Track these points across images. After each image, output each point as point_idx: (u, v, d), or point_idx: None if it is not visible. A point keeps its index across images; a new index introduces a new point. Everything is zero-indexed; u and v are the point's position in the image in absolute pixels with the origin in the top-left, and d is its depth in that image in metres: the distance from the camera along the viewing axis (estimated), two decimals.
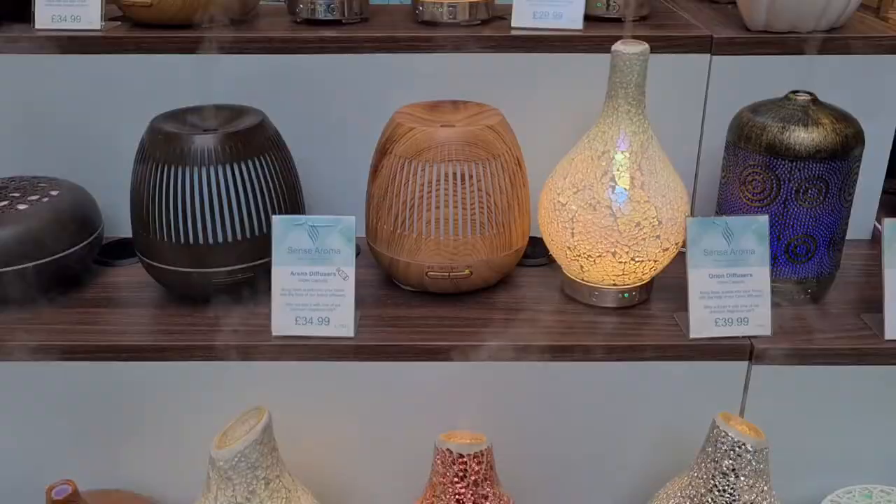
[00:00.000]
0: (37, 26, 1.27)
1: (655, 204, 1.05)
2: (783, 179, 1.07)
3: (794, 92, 1.11)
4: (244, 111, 1.15)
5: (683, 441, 1.08)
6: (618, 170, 1.05)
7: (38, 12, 1.27)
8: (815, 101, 1.09)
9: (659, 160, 1.07)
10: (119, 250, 1.29)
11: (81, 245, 1.16)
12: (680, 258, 1.08)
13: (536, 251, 1.25)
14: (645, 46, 1.03)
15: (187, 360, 1.07)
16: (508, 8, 1.29)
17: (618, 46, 1.03)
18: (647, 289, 1.15)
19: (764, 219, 1.06)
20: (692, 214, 1.30)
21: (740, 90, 1.20)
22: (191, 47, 1.25)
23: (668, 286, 1.16)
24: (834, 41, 1.23)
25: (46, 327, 1.10)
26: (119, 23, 1.32)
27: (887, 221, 1.06)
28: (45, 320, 1.11)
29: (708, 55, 1.24)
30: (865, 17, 1.37)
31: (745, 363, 1.07)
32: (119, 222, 1.27)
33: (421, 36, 1.25)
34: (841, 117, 1.07)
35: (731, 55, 1.24)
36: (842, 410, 1.10)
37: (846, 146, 1.05)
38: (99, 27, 1.26)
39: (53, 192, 1.16)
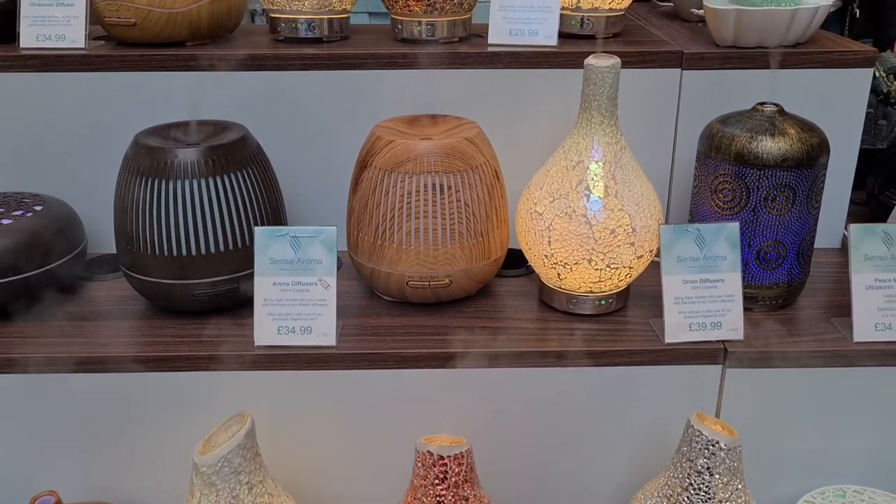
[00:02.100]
0: (21, 45, 1.29)
1: (629, 212, 1.08)
2: (752, 187, 1.10)
3: (762, 103, 1.14)
4: (227, 126, 1.18)
5: (661, 443, 1.10)
6: (592, 179, 1.08)
7: (22, 32, 1.29)
8: (781, 112, 1.13)
9: (632, 169, 1.10)
10: (102, 265, 1.30)
11: (65, 259, 1.17)
12: (655, 266, 1.11)
13: (517, 262, 1.28)
14: (616, 60, 1.06)
15: (170, 371, 1.09)
16: (485, 26, 1.33)
17: (590, 60, 1.07)
18: (624, 296, 1.18)
19: (734, 226, 1.09)
20: (667, 222, 1.33)
21: (710, 103, 1.24)
22: (174, 65, 1.27)
23: (645, 293, 1.19)
24: (800, 55, 1.27)
25: (29, 340, 1.11)
26: (103, 42, 1.35)
27: (853, 227, 1.10)
28: (29, 333, 1.12)
29: (679, 70, 1.28)
30: (829, 33, 1.41)
31: (720, 367, 1.10)
32: (103, 238, 1.29)
33: (400, 53, 1.28)
34: (806, 127, 1.11)
35: (700, 70, 1.28)
36: (814, 412, 1.13)
37: (812, 155, 1.09)
38: (83, 46, 1.29)
39: (37, 207, 1.18)
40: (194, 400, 1.10)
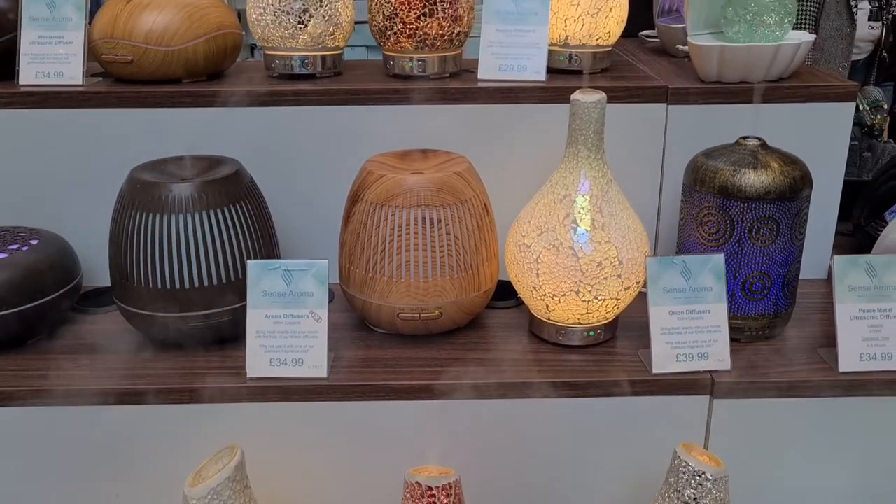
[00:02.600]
0: (21, 83, 1.31)
1: (616, 244, 1.09)
2: (736, 219, 1.12)
3: (745, 137, 1.17)
4: (221, 161, 1.20)
5: (649, 474, 1.10)
6: (579, 212, 1.10)
7: (22, 69, 1.32)
8: (763, 145, 1.15)
9: (619, 203, 1.12)
10: (97, 299, 1.32)
11: (60, 293, 1.18)
12: (643, 297, 1.12)
13: (508, 294, 1.29)
14: (602, 95, 1.09)
15: (163, 404, 1.09)
16: (476, 61, 1.35)
17: (577, 95, 1.09)
18: (613, 327, 1.19)
19: (720, 257, 1.11)
20: (655, 254, 1.35)
21: (696, 137, 1.26)
22: (170, 102, 1.29)
23: (633, 324, 1.20)
24: (783, 90, 1.30)
25: (23, 373, 1.12)
26: (100, 79, 1.37)
27: (837, 259, 1.11)
28: (22, 366, 1.13)
29: (664, 105, 1.31)
30: (812, 68, 1.44)
31: (707, 397, 1.11)
32: (98, 271, 1.30)
33: (391, 89, 1.31)
34: (789, 160, 1.13)
35: (686, 104, 1.30)
36: (802, 442, 1.14)
37: (794, 187, 1.11)
38: (81, 83, 1.31)
39: (33, 242, 1.19)
40: (186, 432, 1.11)
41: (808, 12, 2.21)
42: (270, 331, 1.10)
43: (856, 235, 1.49)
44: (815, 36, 1.32)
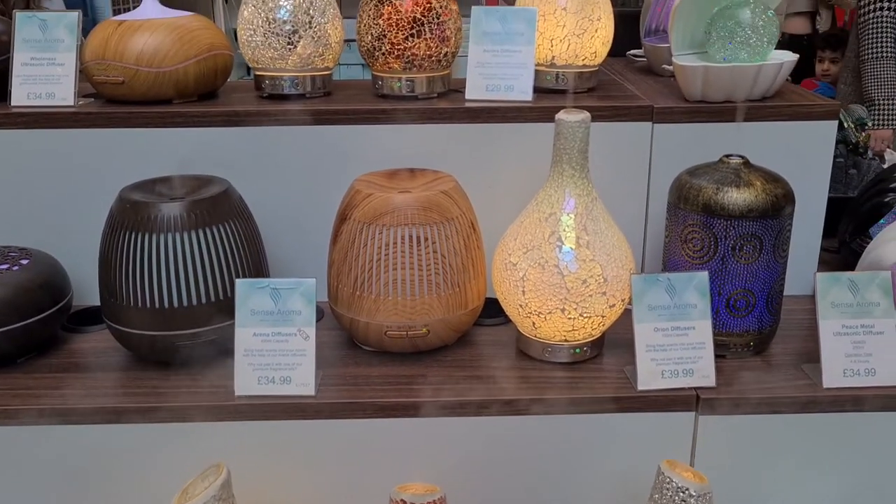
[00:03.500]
0: (13, 103, 1.33)
1: (601, 262, 1.11)
2: (720, 237, 1.13)
3: (728, 156, 1.18)
4: (210, 180, 1.21)
5: (636, 491, 1.11)
6: (564, 230, 1.11)
7: (14, 90, 1.33)
8: (746, 163, 1.17)
9: (603, 221, 1.13)
10: (87, 317, 1.32)
11: (50, 312, 1.19)
12: (630, 314, 1.13)
13: (496, 311, 1.30)
14: (586, 115, 1.10)
15: (151, 423, 1.10)
16: (463, 81, 1.37)
17: (561, 115, 1.11)
18: (599, 344, 1.20)
19: (704, 275, 1.12)
20: (642, 271, 1.36)
21: (682, 155, 1.27)
22: (161, 122, 1.31)
23: (620, 341, 1.21)
24: (767, 109, 1.32)
25: (12, 392, 1.12)
26: (92, 99, 1.39)
27: (819, 276, 1.12)
28: (12, 385, 1.14)
29: (650, 123, 1.32)
30: (796, 87, 1.46)
31: (692, 414, 1.11)
32: (89, 290, 1.31)
33: (380, 109, 1.32)
34: (771, 178, 1.15)
35: (671, 123, 1.32)
36: (787, 457, 1.14)
37: (776, 205, 1.12)
38: (72, 103, 1.32)
39: (24, 261, 1.20)
40: (173, 451, 1.11)
41: None
42: (258, 349, 1.10)
43: (842, 252, 1.50)
44: (797, 56, 1.34)
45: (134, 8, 1.42)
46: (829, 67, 3.28)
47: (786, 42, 3.55)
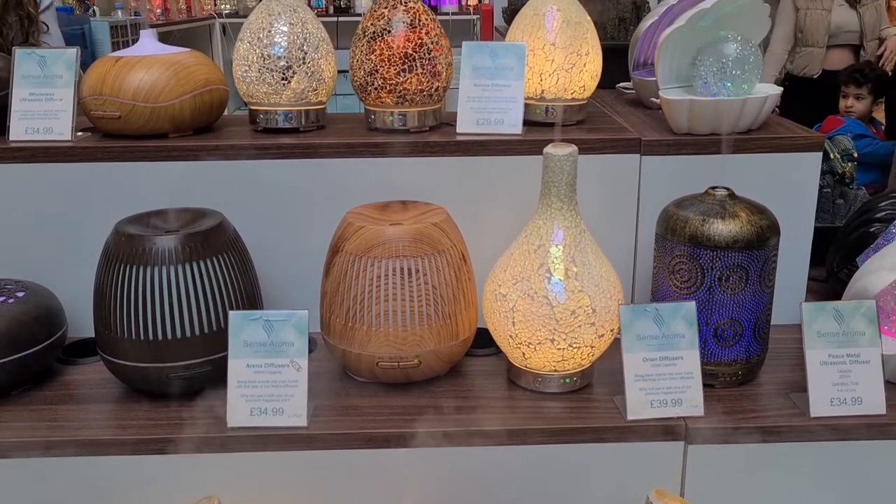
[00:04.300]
0: (11, 138, 1.35)
1: (589, 293, 1.12)
2: (706, 268, 1.15)
3: (713, 188, 1.20)
4: (204, 213, 1.23)
5: None
6: (553, 262, 1.12)
7: (12, 125, 1.35)
8: (731, 195, 1.19)
9: (592, 252, 1.15)
10: (81, 349, 1.33)
11: (45, 344, 1.20)
12: (620, 344, 1.14)
13: (488, 342, 1.31)
14: (573, 148, 1.12)
15: (144, 455, 1.11)
16: (454, 114, 1.39)
17: (549, 149, 1.13)
18: (589, 374, 1.21)
19: (691, 305, 1.13)
20: (632, 302, 1.37)
21: (670, 187, 1.29)
22: (157, 156, 1.33)
23: (609, 371, 1.22)
24: (752, 141, 1.34)
25: (6, 424, 1.13)
26: (89, 133, 1.41)
27: (805, 305, 1.14)
28: (6, 418, 1.15)
29: (638, 155, 1.34)
30: (781, 119, 1.49)
31: (682, 443, 1.12)
32: (84, 322, 1.32)
33: (372, 142, 1.34)
34: (756, 210, 1.17)
35: (658, 155, 1.34)
36: (776, 487, 1.15)
37: (762, 236, 1.14)
38: (70, 138, 1.34)
39: (19, 294, 1.21)
40: (167, 482, 1.12)
41: None
42: (251, 380, 1.11)
43: (830, 281, 1.52)
44: (781, 89, 1.37)
45: (133, 41, 1.45)
46: (853, 104, 3.17)
47: (821, 79, 3.45)
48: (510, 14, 3.32)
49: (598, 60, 1.41)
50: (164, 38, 1.43)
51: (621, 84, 1.81)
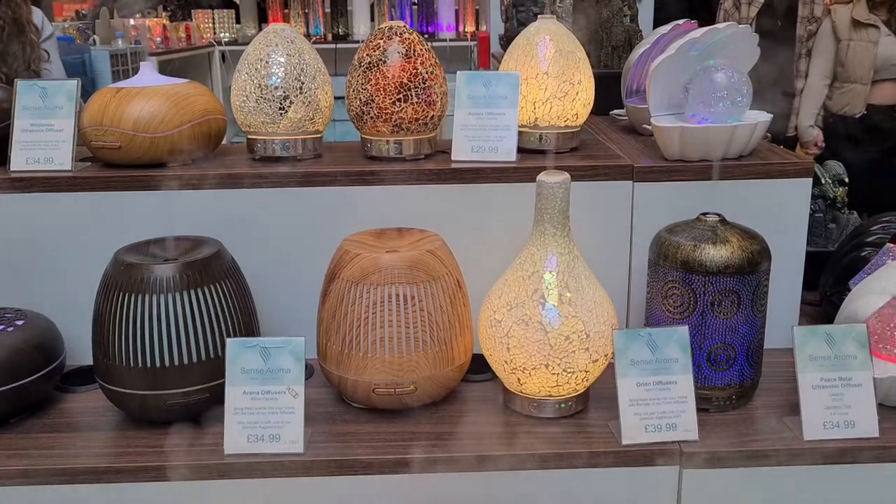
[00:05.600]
0: (12, 168, 1.36)
1: (583, 319, 1.13)
2: (699, 293, 1.16)
3: (705, 214, 1.22)
4: (202, 241, 1.24)
5: None
6: (547, 288, 1.14)
7: (13, 156, 1.37)
8: (723, 221, 1.20)
9: (585, 278, 1.16)
10: (80, 377, 1.34)
11: (43, 372, 1.21)
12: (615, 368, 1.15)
13: (484, 367, 1.32)
14: (566, 176, 1.14)
15: (141, 482, 1.11)
16: (449, 142, 1.41)
17: (542, 177, 1.14)
18: (584, 399, 1.22)
19: (684, 329, 1.15)
20: (627, 327, 1.38)
21: (663, 213, 1.31)
22: (157, 185, 1.34)
23: (605, 395, 1.22)
24: (743, 168, 1.36)
25: (5, 452, 1.14)
26: (89, 164, 1.42)
27: (796, 329, 1.15)
28: (4, 445, 1.15)
29: (630, 182, 1.36)
30: (772, 146, 1.51)
31: (677, 467, 1.13)
32: (82, 350, 1.33)
33: (369, 170, 1.36)
34: (747, 235, 1.18)
35: (651, 182, 1.36)
36: None
37: (753, 261, 1.16)
38: (70, 168, 1.36)
39: (18, 322, 1.22)
40: None
41: None
42: (248, 407, 1.12)
43: (822, 305, 1.53)
44: (770, 116, 1.39)
45: (134, 69, 1.47)
46: None
47: (866, 117, 3.10)
48: (506, 41, 3.35)
49: (590, 89, 1.43)
50: (164, 66, 1.46)
51: (614, 111, 1.83)
